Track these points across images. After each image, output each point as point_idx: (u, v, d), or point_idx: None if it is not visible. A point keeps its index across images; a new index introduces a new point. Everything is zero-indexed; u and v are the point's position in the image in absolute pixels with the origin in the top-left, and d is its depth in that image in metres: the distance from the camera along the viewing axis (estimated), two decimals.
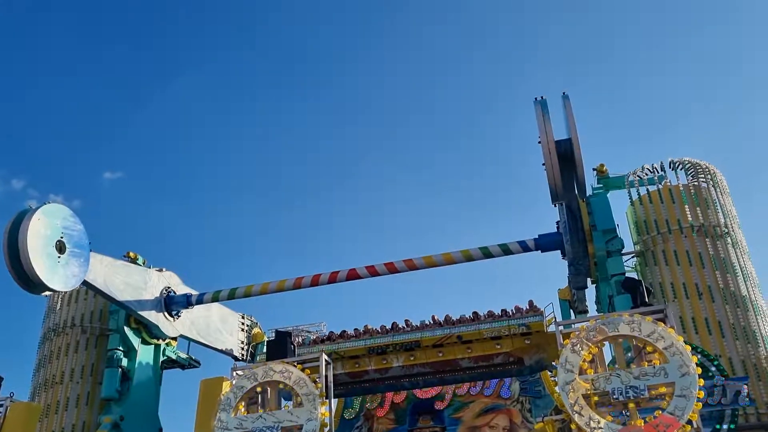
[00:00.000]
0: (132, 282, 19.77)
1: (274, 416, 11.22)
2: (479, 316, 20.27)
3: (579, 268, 17.55)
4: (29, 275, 14.65)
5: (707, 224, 17.76)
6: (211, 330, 22.40)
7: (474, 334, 19.46)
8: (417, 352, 20.13)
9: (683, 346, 10.29)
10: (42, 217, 15.28)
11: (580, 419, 10.25)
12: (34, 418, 12.93)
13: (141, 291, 19.99)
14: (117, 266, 19.40)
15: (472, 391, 22.30)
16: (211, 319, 22.65)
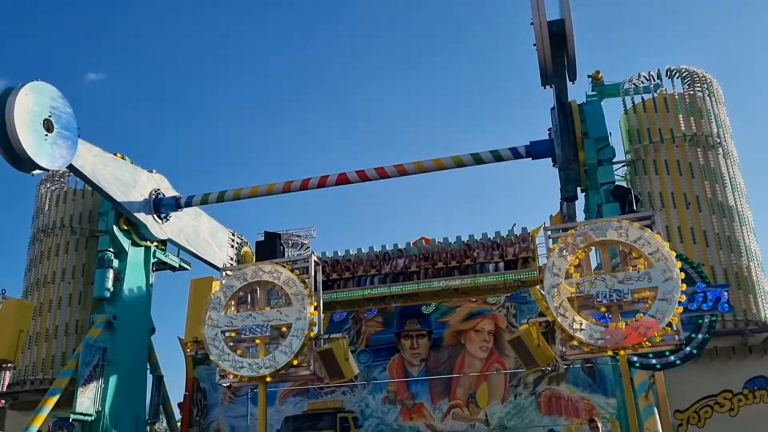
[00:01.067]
0: (121, 177, 19.52)
1: (263, 315, 11.40)
2: (470, 248, 19.94)
3: (569, 174, 17.43)
4: (16, 150, 14.22)
5: (700, 134, 17.67)
6: (200, 240, 22.33)
7: (470, 286, 19.46)
8: (415, 299, 20.42)
9: (668, 252, 10.40)
10: (30, 92, 14.76)
11: (563, 321, 10.47)
12: (27, 314, 13.10)
13: (130, 188, 19.80)
14: (107, 158, 19.08)
15: None
16: (200, 230, 22.62)
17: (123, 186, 19.50)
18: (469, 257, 19.70)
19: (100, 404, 18.30)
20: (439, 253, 19.98)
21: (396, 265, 20.11)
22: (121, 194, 19.33)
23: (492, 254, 19.58)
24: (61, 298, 20.74)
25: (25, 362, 20.07)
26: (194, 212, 22.28)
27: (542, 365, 11.96)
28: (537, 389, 19.15)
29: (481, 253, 19.65)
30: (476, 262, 19.52)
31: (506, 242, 19.61)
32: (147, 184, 20.59)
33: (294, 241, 25.56)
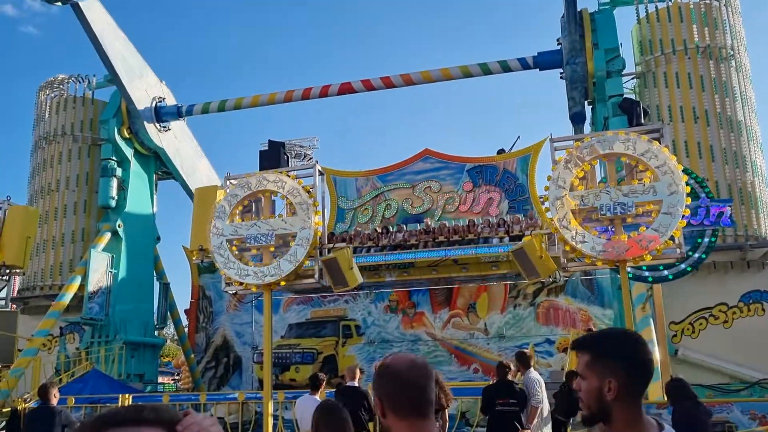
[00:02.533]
0: (129, 59, 19.43)
1: (268, 224, 11.43)
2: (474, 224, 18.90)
3: (576, 86, 17.09)
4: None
5: (713, 45, 17.19)
6: (188, 169, 22.06)
7: (470, 258, 18.50)
8: (411, 270, 19.31)
9: (675, 165, 10.30)
10: None
11: (566, 233, 10.50)
12: (33, 221, 13.20)
13: (135, 78, 19.70)
14: (119, 34, 18.96)
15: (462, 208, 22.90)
16: (195, 163, 22.38)
17: (129, 69, 19.27)
18: (473, 232, 18.72)
19: (108, 309, 18.77)
20: (441, 228, 19.07)
21: (394, 238, 19.07)
22: (126, 75, 19.15)
23: (497, 230, 18.57)
24: (66, 206, 20.87)
25: (34, 269, 20.42)
26: (190, 139, 22.23)
27: (544, 276, 12.13)
28: (536, 300, 19.57)
29: (485, 229, 18.68)
30: (479, 237, 18.53)
31: (513, 220, 18.60)
32: (152, 87, 20.39)
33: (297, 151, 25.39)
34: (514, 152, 22.91)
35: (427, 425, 2.07)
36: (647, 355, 2.09)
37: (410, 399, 2.07)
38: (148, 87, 20.18)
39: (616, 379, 2.04)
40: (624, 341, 2.13)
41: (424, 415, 2.07)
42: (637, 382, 2.08)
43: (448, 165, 23.02)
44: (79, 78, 21.68)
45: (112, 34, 18.49)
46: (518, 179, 22.93)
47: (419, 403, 2.07)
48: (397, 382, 2.09)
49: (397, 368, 2.13)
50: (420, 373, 2.11)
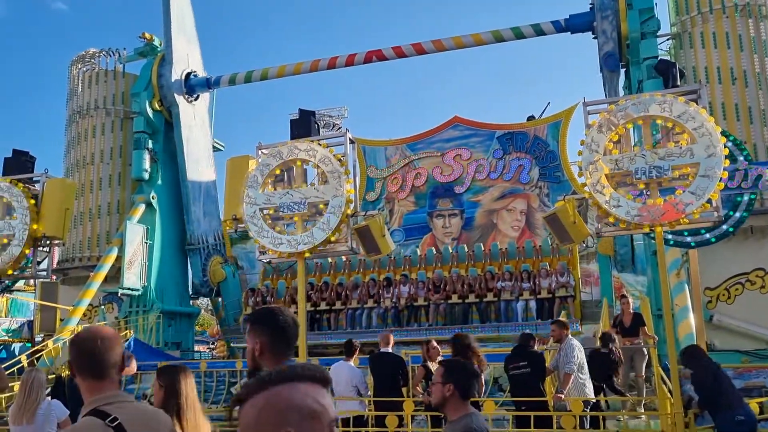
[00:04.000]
0: (186, 28, 21.54)
1: (300, 192, 11.51)
2: (493, 276, 16.52)
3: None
4: None
5: (752, 3, 16.65)
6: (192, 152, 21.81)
7: (490, 338, 15.80)
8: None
9: (713, 127, 10.06)
10: None
11: (600, 198, 10.37)
12: (71, 194, 13.43)
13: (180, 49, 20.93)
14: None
15: (492, 176, 22.79)
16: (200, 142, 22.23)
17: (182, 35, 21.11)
18: (492, 290, 16.26)
19: (145, 280, 19.17)
20: (453, 282, 16.54)
21: (399, 295, 16.64)
22: (176, 44, 20.87)
23: (521, 287, 16.13)
24: (101, 179, 21.25)
25: (72, 240, 20.90)
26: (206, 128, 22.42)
27: (577, 242, 12.06)
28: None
29: (506, 285, 16.19)
30: (500, 300, 16.07)
31: (540, 273, 16.23)
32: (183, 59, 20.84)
33: (326, 121, 25.40)
34: (545, 118, 22.67)
35: (103, 385, 2.48)
36: (286, 322, 2.69)
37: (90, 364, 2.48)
38: (178, 60, 20.39)
39: (260, 341, 2.65)
40: (268, 312, 2.77)
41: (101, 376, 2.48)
42: (279, 342, 2.66)
43: (477, 132, 22.88)
44: (110, 52, 21.88)
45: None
46: (549, 146, 22.71)
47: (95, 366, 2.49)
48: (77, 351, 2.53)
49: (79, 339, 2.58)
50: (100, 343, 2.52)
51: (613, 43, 17.04)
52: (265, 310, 2.84)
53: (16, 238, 12.77)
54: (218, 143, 23.37)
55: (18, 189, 12.68)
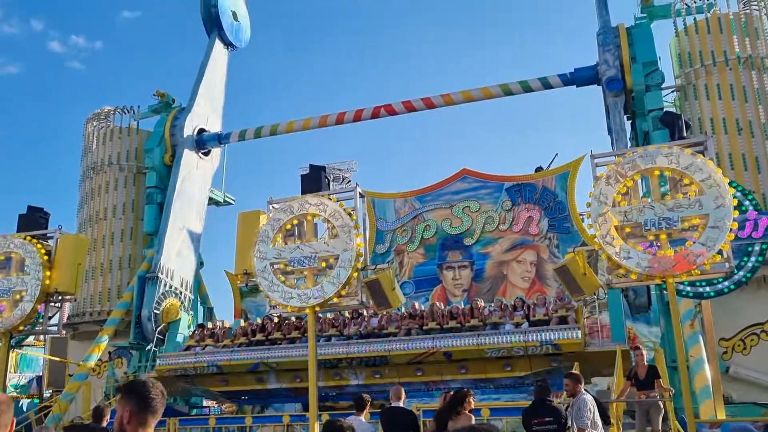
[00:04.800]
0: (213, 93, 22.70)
1: (311, 247, 11.56)
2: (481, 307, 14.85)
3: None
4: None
5: (755, 56, 16.92)
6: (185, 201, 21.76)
7: (469, 351, 14.13)
8: (384, 369, 15.06)
9: (721, 178, 10.11)
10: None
11: (610, 249, 10.37)
12: (83, 249, 13.54)
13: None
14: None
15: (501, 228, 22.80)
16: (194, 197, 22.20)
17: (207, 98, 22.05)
18: (478, 317, 14.62)
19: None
20: (433, 312, 15.22)
21: (367, 325, 15.51)
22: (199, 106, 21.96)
23: (512, 315, 14.52)
24: (113, 234, 21.43)
25: (83, 295, 20.97)
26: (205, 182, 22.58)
27: (588, 293, 11.97)
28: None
29: (495, 313, 14.63)
30: (485, 324, 14.44)
31: (536, 302, 14.73)
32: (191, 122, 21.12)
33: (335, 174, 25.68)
34: (553, 169, 22.80)
35: None
36: (154, 394, 2.91)
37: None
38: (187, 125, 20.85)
39: (128, 409, 2.84)
40: (138, 384, 2.96)
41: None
42: (145, 412, 2.86)
43: (486, 184, 23.00)
44: (125, 109, 22.38)
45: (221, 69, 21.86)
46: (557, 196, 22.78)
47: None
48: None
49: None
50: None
51: (616, 69, 17.20)
52: (135, 382, 3.02)
53: (28, 294, 12.85)
54: (229, 197, 23.61)
55: (32, 245, 12.82)
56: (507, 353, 13.84)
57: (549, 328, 13.78)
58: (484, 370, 14.29)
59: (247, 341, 16.38)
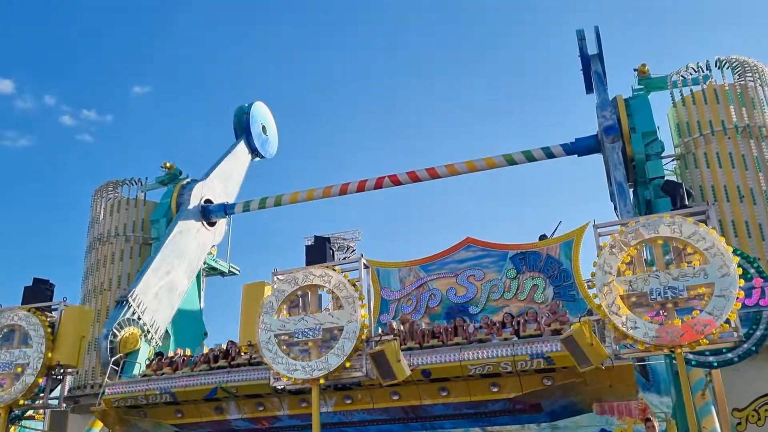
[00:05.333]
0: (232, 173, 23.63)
1: (315, 318, 11.55)
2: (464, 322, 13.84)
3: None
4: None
5: (752, 125, 17.21)
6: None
7: (450, 369, 12.58)
8: (357, 393, 13.57)
9: (725, 247, 10.18)
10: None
11: (616, 319, 10.35)
12: (87, 321, 13.55)
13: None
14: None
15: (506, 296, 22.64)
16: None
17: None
18: (461, 335, 13.40)
19: None
20: (411, 331, 14.15)
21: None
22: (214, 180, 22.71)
23: (500, 331, 13.32)
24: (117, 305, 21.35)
25: (85, 367, 20.71)
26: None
27: (596, 364, 11.80)
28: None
29: (481, 331, 13.44)
30: (470, 341, 13.12)
31: (529, 316, 13.76)
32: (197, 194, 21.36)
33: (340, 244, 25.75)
34: (557, 237, 22.82)
35: None
36: None
37: None
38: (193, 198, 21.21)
39: None
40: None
41: None
42: None
43: (490, 253, 22.99)
44: (132, 181, 22.70)
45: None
46: (562, 264, 22.69)
47: None
48: None
49: None
50: None
51: (613, 121, 17.38)
52: None
53: (30, 367, 12.77)
54: (234, 267, 23.67)
55: (36, 318, 12.85)
56: (493, 369, 12.25)
57: (541, 339, 12.34)
58: (468, 392, 12.72)
59: (208, 368, 15.02)
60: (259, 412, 14.54)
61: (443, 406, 13.00)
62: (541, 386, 12.52)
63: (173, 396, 14.85)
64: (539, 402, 12.97)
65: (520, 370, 12.30)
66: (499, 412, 13.23)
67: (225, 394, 14.43)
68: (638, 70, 18.43)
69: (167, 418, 15.44)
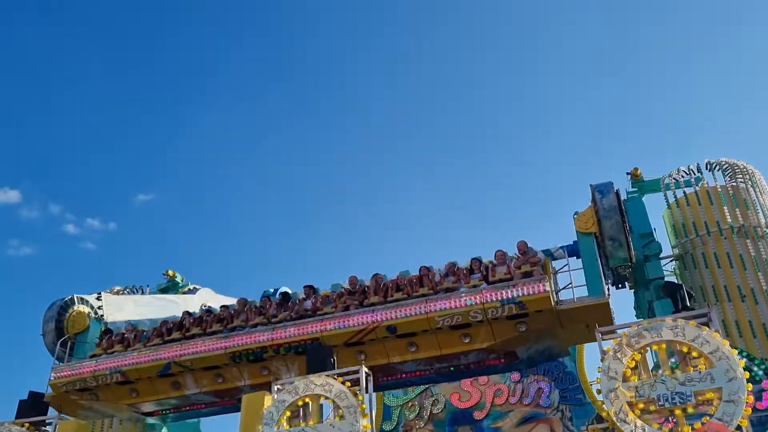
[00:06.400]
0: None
1: (316, 429, 11.27)
2: (429, 272, 12.92)
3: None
4: None
5: (747, 225, 17.44)
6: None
7: (417, 322, 12.13)
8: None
9: (729, 350, 10.11)
10: None
11: (625, 427, 10.12)
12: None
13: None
14: None
15: (511, 400, 22.18)
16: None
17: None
18: (427, 285, 12.63)
19: None
20: (376, 285, 13.30)
21: (299, 309, 13.57)
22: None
23: (467, 278, 12.56)
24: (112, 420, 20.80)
25: None
26: None
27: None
28: None
29: (448, 279, 12.67)
30: (436, 291, 12.47)
31: (496, 261, 12.80)
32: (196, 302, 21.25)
33: None
34: None
35: None
36: None
37: None
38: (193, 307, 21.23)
39: None
40: None
41: None
42: None
43: None
44: (134, 288, 22.67)
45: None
46: (566, 367, 22.41)
47: None
48: None
49: None
50: None
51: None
52: None
53: None
54: None
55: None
56: (463, 320, 11.78)
57: (511, 284, 11.82)
58: (437, 346, 12.21)
59: (161, 341, 14.24)
60: (218, 383, 13.87)
61: (413, 362, 12.55)
62: (515, 333, 12.04)
63: (124, 375, 14.12)
64: (513, 350, 12.47)
65: (491, 318, 11.83)
66: (472, 364, 12.68)
67: (180, 368, 13.77)
68: (631, 173, 18.83)
69: (121, 398, 14.62)
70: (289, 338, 12.97)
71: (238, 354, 13.31)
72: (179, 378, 14.13)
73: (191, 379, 14.08)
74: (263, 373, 13.59)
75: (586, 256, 13.38)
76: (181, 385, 14.22)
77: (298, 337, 12.82)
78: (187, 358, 13.78)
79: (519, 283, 11.94)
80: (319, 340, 12.61)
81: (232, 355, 13.40)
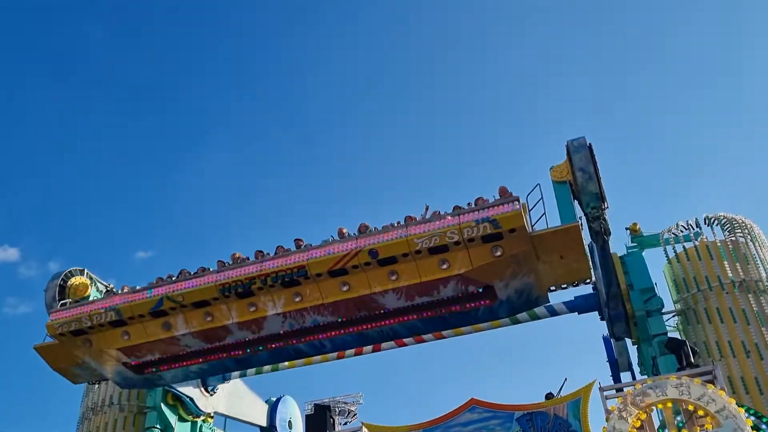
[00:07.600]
0: None
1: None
2: (412, 220, 13.26)
3: (618, 326, 17.09)
4: None
5: (748, 279, 17.38)
6: (243, 405, 21.96)
7: (397, 245, 12.51)
8: (305, 289, 13.26)
9: (736, 409, 9.96)
10: None
11: None
12: None
13: None
14: None
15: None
16: (241, 394, 22.32)
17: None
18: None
19: None
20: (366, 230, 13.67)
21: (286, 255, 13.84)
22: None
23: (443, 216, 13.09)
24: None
25: None
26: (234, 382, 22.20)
27: None
28: None
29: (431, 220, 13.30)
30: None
31: (475, 204, 13.11)
32: None
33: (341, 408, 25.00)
34: (563, 397, 22.21)
35: None
36: None
37: None
38: None
39: None
40: None
41: None
42: None
43: (496, 414, 22.26)
44: None
45: None
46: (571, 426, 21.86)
47: None
48: None
49: None
50: None
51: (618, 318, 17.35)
52: None
53: None
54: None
55: None
56: (440, 241, 12.29)
57: (485, 205, 12.57)
58: (417, 273, 12.67)
59: (155, 284, 14.78)
60: (207, 323, 14.01)
61: (394, 293, 12.89)
62: (492, 258, 12.39)
63: (118, 313, 14.33)
64: (491, 283, 12.86)
65: (467, 238, 12.20)
66: (452, 300, 13.15)
67: (172, 304, 13.99)
68: (630, 228, 18.88)
69: (113, 343, 14.74)
70: (276, 267, 13.15)
71: (228, 287, 13.55)
72: (170, 318, 14.32)
73: (182, 318, 14.31)
74: (251, 310, 13.75)
75: (560, 199, 13.55)
76: (172, 326, 14.37)
77: (285, 266, 13.06)
78: (179, 293, 14.01)
79: (493, 205, 12.61)
80: (305, 267, 12.80)
81: (221, 288, 13.60)
